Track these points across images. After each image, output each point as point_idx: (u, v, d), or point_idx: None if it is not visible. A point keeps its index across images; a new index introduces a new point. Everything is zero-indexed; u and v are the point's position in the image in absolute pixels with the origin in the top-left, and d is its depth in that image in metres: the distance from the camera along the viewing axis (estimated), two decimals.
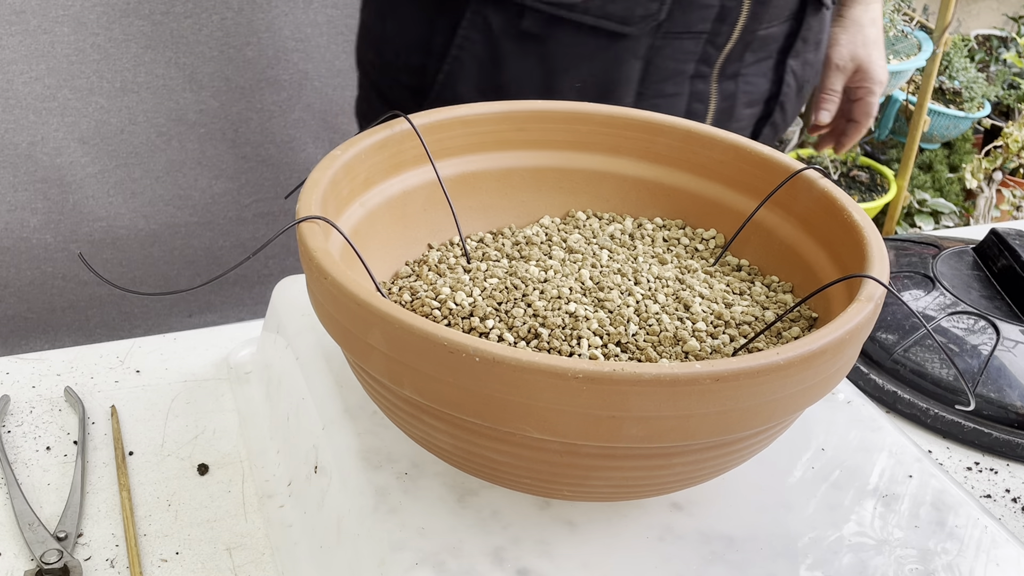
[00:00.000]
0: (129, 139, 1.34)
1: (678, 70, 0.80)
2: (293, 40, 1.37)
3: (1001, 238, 0.78)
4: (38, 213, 1.33)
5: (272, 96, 1.39)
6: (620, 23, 0.75)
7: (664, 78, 0.80)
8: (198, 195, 1.41)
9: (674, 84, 0.80)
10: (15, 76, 1.24)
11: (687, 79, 0.81)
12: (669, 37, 0.78)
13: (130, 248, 1.40)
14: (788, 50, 0.85)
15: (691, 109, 0.82)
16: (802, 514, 0.51)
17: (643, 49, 0.77)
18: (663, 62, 0.79)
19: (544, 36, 0.76)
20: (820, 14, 0.85)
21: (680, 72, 0.80)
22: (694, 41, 0.79)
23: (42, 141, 1.29)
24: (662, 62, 0.79)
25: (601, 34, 0.76)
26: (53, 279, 1.38)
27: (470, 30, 0.78)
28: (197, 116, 1.36)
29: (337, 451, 0.53)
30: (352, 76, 1.44)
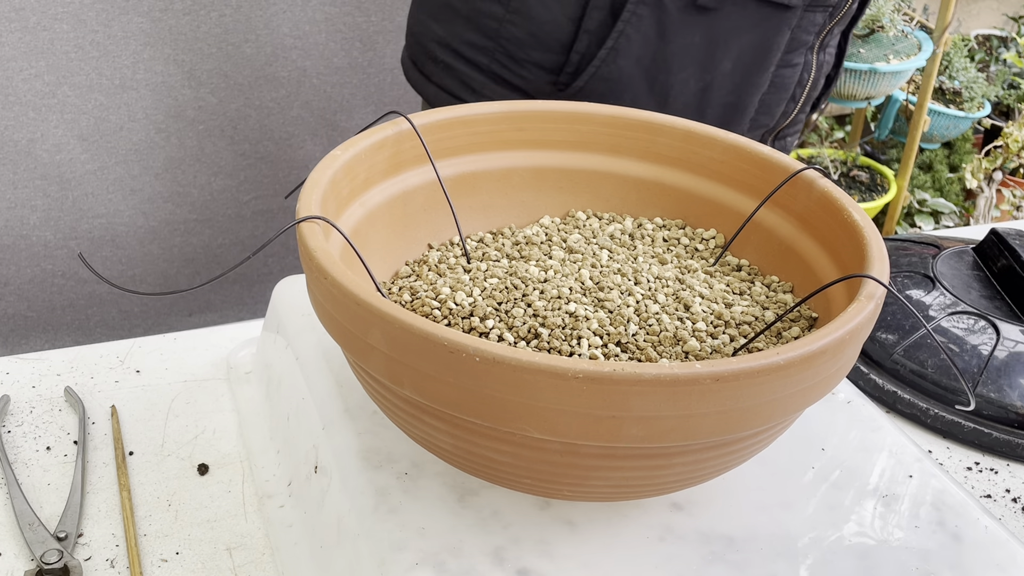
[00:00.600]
0: (128, 136, 1.34)
1: (805, 40, 0.85)
2: (292, 37, 1.37)
3: (1001, 238, 0.78)
4: (37, 210, 1.33)
5: (271, 93, 1.39)
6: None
7: (795, 48, 0.85)
8: (197, 192, 1.41)
9: (798, 55, 0.86)
10: (14, 73, 1.24)
11: (805, 50, 0.86)
12: (809, 10, 0.83)
13: (129, 245, 1.40)
14: (854, 23, 0.91)
15: (800, 79, 0.88)
16: (802, 514, 0.51)
17: (794, 20, 0.83)
18: (799, 34, 0.84)
19: (716, 9, 0.80)
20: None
21: (805, 43, 0.86)
22: (823, 14, 0.84)
23: (41, 138, 1.29)
24: (798, 33, 0.84)
25: (767, 5, 0.81)
26: (53, 277, 1.38)
27: (640, 5, 0.80)
28: (196, 113, 1.36)
29: (337, 451, 0.53)
30: (350, 74, 1.44)
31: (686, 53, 0.82)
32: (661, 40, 0.81)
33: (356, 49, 1.42)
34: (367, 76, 1.45)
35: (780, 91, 0.87)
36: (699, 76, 0.83)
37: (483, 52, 0.86)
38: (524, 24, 0.83)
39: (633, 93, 0.84)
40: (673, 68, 0.82)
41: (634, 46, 0.81)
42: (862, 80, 1.76)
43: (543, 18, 0.83)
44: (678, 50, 0.82)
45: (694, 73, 0.83)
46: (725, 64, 0.83)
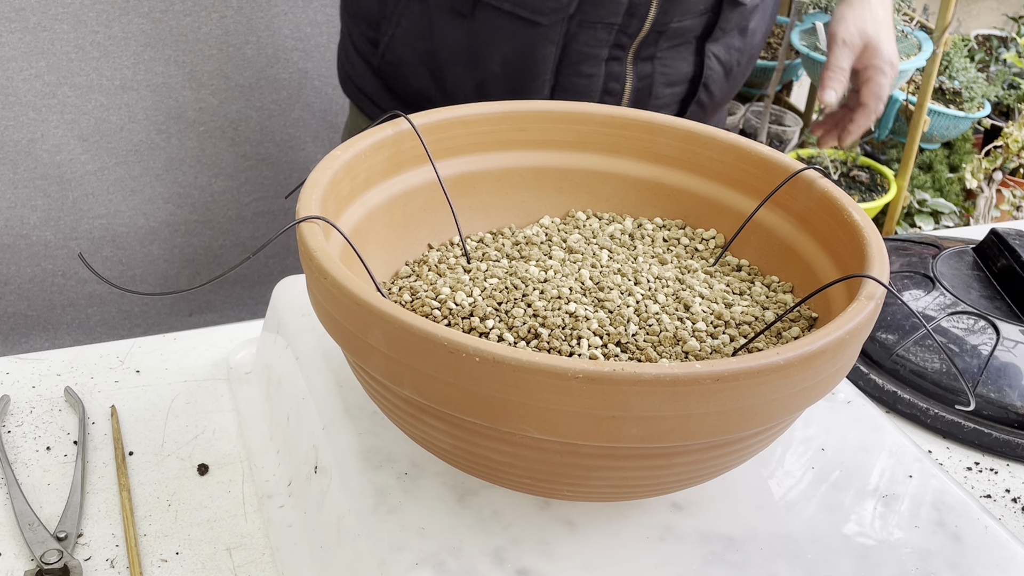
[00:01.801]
0: (129, 137, 1.34)
1: (592, 54, 0.86)
2: (293, 39, 1.37)
3: (1001, 238, 0.78)
4: (38, 210, 1.33)
5: (272, 95, 1.39)
6: (532, 12, 0.83)
7: (580, 60, 0.86)
8: (198, 193, 1.41)
9: (589, 66, 0.87)
10: (15, 73, 1.24)
11: (602, 61, 0.87)
12: (583, 26, 0.84)
13: (130, 246, 1.40)
14: (707, 37, 0.90)
15: (607, 88, 0.89)
16: (802, 514, 0.51)
17: (557, 35, 0.84)
18: (578, 47, 0.86)
19: (469, 15, 0.84)
20: (738, 9, 0.89)
21: (595, 56, 0.86)
22: (607, 31, 0.85)
23: (42, 138, 1.29)
24: (577, 47, 0.86)
25: (517, 19, 0.83)
26: (53, 276, 1.38)
27: (411, 2, 0.87)
28: (196, 114, 1.36)
29: (337, 451, 0.53)
30: None
31: (453, 52, 0.87)
32: (430, 36, 0.87)
33: None
34: None
35: (577, 96, 0.89)
36: (471, 74, 0.88)
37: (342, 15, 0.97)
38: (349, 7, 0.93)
39: (418, 80, 0.90)
40: (444, 64, 0.87)
41: (409, 38, 0.88)
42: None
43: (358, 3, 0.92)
44: (445, 48, 0.87)
45: (465, 70, 0.88)
46: (493, 67, 0.87)
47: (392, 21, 0.88)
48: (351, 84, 0.97)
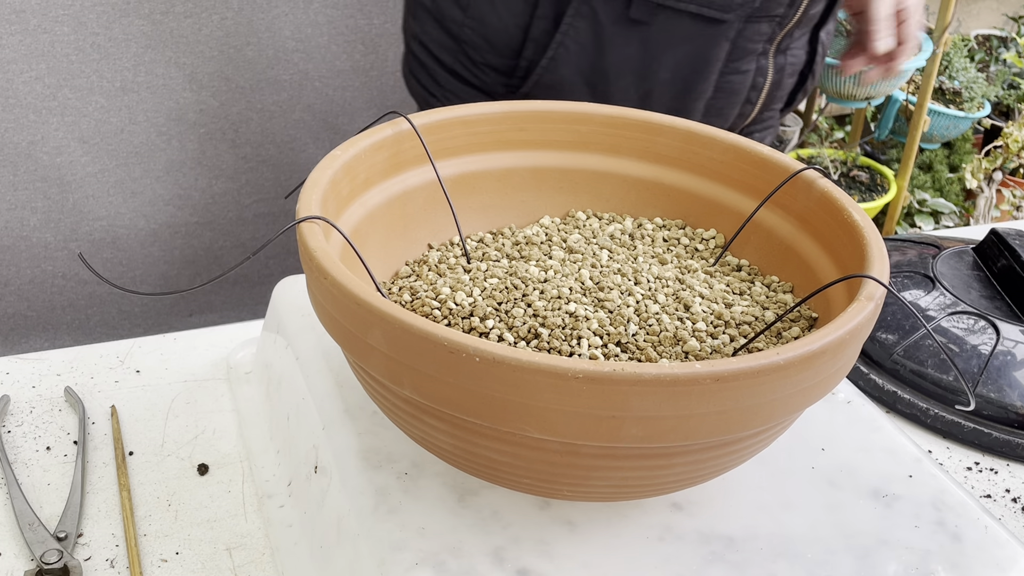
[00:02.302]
0: (129, 138, 1.34)
1: (752, 49, 0.87)
2: (293, 40, 1.37)
3: (1001, 238, 0.78)
4: (38, 212, 1.33)
5: (272, 96, 1.39)
6: (720, 10, 0.82)
7: (741, 56, 0.87)
8: (198, 195, 1.42)
9: (747, 62, 0.88)
10: (15, 75, 1.24)
11: (756, 56, 0.88)
12: (752, 20, 0.85)
13: (130, 247, 1.41)
14: (823, 23, 0.92)
15: (755, 83, 0.90)
16: (802, 514, 0.51)
17: (732, 32, 0.85)
18: (744, 43, 0.86)
19: (648, 22, 0.83)
20: None
21: (753, 51, 0.88)
22: (770, 24, 0.86)
23: (42, 140, 1.29)
24: (743, 43, 0.86)
25: (700, 20, 0.83)
26: (53, 278, 1.38)
27: (576, 18, 0.83)
28: (197, 116, 1.36)
29: (337, 451, 0.53)
30: (352, 77, 1.44)
31: (623, 63, 0.85)
32: (598, 51, 0.85)
33: (358, 52, 1.42)
34: (369, 79, 1.45)
35: (730, 96, 0.90)
36: (638, 85, 0.86)
37: (448, 51, 0.91)
38: (479, 29, 0.87)
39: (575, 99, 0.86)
40: (611, 77, 0.86)
41: (573, 56, 0.85)
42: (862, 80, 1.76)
43: (495, 25, 0.87)
44: (615, 60, 0.85)
45: (633, 82, 0.86)
46: (663, 74, 0.86)
47: (554, 43, 0.85)
48: None
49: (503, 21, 0.87)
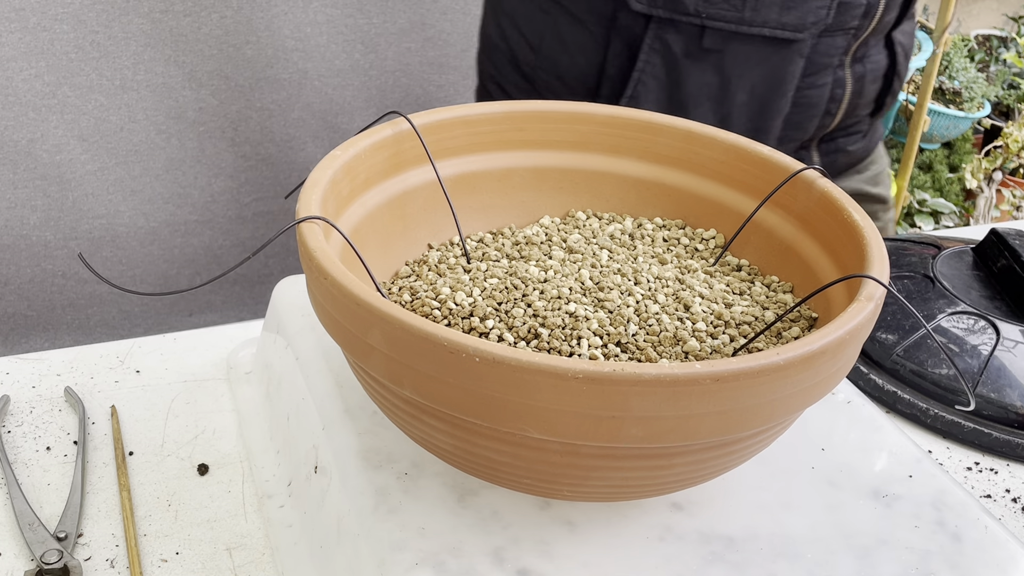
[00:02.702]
0: (129, 137, 1.34)
1: (827, 63, 0.89)
2: (292, 39, 1.36)
3: (1001, 238, 0.78)
4: (38, 210, 1.33)
5: (271, 95, 1.39)
6: (793, 31, 0.84)
7: (817, 71, 0.89)
8: (197, 193, 1.41)
9: (823, 75, 0.89)
10: (15, 73, 1.24)
11: (832, 69, 0.90)
12: (825, 35, 0.87)
13: (129, 246, 1.40)
14: (896, 25, 0.93)
15: (833, 95, 0.91)
16: (802, 514, 0.51)
17: (806, 49, 0.87)
18: (818, 58, 0.88)
19: (722, 50, 0.84)
20: None
21: (829, 64, 0.89)
22: (844, 36, 0.88)
23: (42, 138, 1.29)
24: (818, 58, 0.88)
25: (774, 42, 0.84)
26: (53, 277, 1.38)
27: (651, 54, 0.86)
28: (196, 114, 1.36)
29: (337, 451, 0.53)
30: (351, 76, 1.44)
31: (700, 92, 0.87)
32: (674, 83, 0.87)
33: (357, 51, 1.42)
34: (368, 78, 1.45)
35: (808, 109, 0.91)
36: (716, 110, 0.88)
37: (523, 92, 0.94)
38: (553, 70, 0.89)
39: None
40: (689, 107, 0.88)
41: (651, 92, 0.88)
42: None
43: (568, 65, 0.88)
44: (692, 90, 0.87)
45: (711, 108, 0.88)
46: (740, 96, 0.87)
47: (632, 80, 0.88)
48: None
49: (576, 62, 0.88)
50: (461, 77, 1.46)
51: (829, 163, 1.00)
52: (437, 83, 1.46)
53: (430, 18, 1.41)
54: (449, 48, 1.44)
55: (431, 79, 1.46)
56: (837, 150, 0.99)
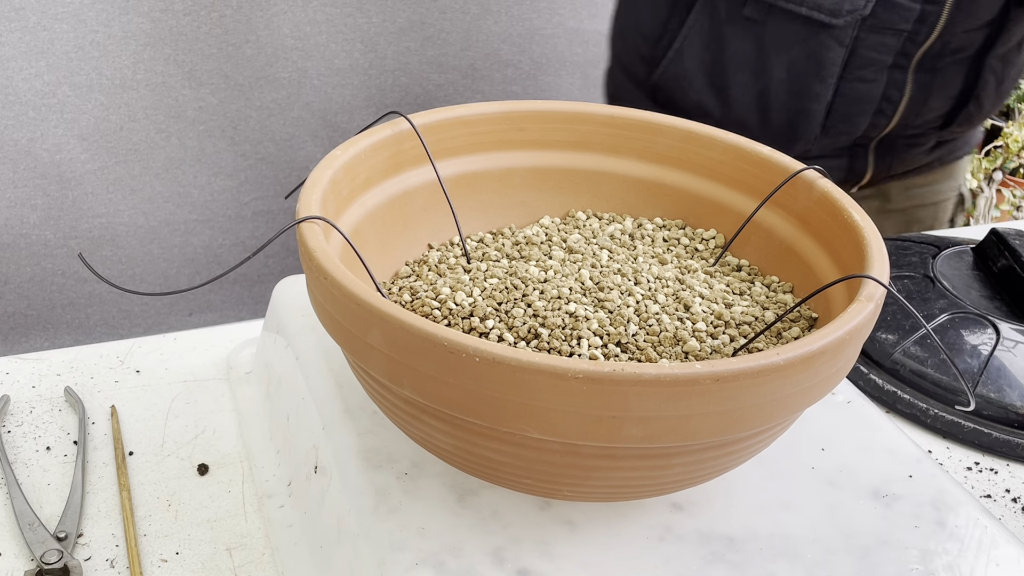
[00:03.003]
0: (128, 136, 1.34)
1: (878, 60, 0.91)
2: (292, 38, 1.36)
3: (1001, 238, 0.78)
4: (37, 209, 1.33)
5: (271, 94, 1.39)
6: (829, 15, 0.87)
7: (864, 65, 0.92)
8: (197, 192, 1.41)
9: (873, 72, 0.92)
10: (14, 73, 1.24)
11: (885, 68, 0.92)
12: (872, 31, 0.90)
13: (129, 245, 1.40)
14: (989, 50, 0.94)
15: (886, 95, 0.94)
16: (802, 514, 0.51)
17: (847, 38, 0.90)
18: (865, 52, 0.91)
19: (762, 21, 0.90)
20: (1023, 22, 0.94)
21: (879, 61, 0.91)
22: (895, 37, 0.90)
23: (41, 137, 1.29)
24: (864, 51, 0.91)
25: (811, 23, 0.89)
26: (53, 276, 1.38)
27: (700, 15, 0.93)
28: (196, 113, 1.36)
29: (337, 451, 0.53)
30: (350, 75, 1.44)
31: (739, 59, 0.93)
32: (717, 47, 0.93)
33: (357, 50, 1.42)
34: (368, 77, 1.45)
35: (855, 103, 0.93)
36: (754, 81, 0.92)
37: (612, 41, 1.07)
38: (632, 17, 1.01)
39: (697, 90, 0.97)
40: (728, 72, 0.93)
41: (695, 49, 0.94)
42: None
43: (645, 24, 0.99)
44: (732, 56, 0.93)
45: (749, 78, 0.93)
46: (778, 73, 0.92)
47: (680, 36, 0.95)
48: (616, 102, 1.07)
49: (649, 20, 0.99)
50: (460, 76, 1.46)
51: (884, 167, 1.01)
52: (436, 82, 1.46)
53: (429, 17, 1.41)
54: (448, 47, 1.44)
55: (430, 78, 1.46)
56: (895, 156, 1.00)
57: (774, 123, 0.96)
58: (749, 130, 0.95)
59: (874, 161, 1.00)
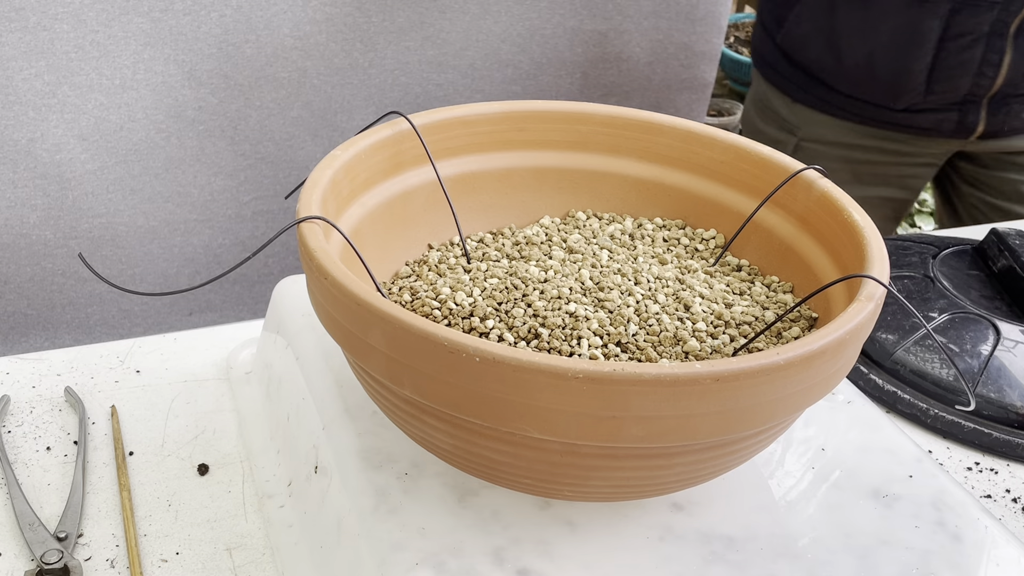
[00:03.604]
0: (128, 136, 1.33)
1: (974, 29, 1.03)
2: (292, 38, 1.36)
3: (1001, 238, 0.78)
4: (37, 209, 1.33)
5: (271, 93, 1.39)
6: None
7: (961, 34, 1.04)
8: (197, 192, 1.41)
9: (970, 40, 1.04)
10: (14, 72, 1.24)
11: (983, 36, 1.03)
12: (966, 4, 1.02)
13: (129, 245, 1.40)
14: None
15: (986, 58, 1.05)
16: (802, 514, 0.51)
17: (943, 11, 1.03)
18: (961, 21, 1.03)
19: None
20: None
21: (975, 30, 1.03)
22: (989, 10, 1.02)
23: (41, 138, 1.29)
24: (960, 21, 1.03)
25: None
26: (53, 276, 1.38)
27: None
28: (196, 113, 1.36)
29: (337, 451, 0.53)
30: (350, 74, 1.44)
31: (849, 25, 1.08)
32: (831, 14, 1.10)
33: (357, 50, 1.42)
34: (368, 77, 1.45)
35: (956, 67, 1.05)
36: (861, 43, 1.08)
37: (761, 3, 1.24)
38: None
39: (815, 49, 1.13)
40: (841, 35, 1.09)
41: (813, 14, 1.12)
42: None
43: None
44: (842, 22, 1.09)
45: (857, 41, 1.09)
46: (882, 37, 1.06)
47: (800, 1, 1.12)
48: (758, 54, 1.24)
49: None
50: (460, 76, 1.46)
51: (998, 123, 1.10)
52: (436, 82, 1.46)
53: (429, 17, 1.41)
54: (448, 47, 1.44)
55: (430, 78, 1.45)
56: (1008, 112, 1.11)
57: (880, 79, 1.09)
58: (860, 84, 1.12)
59: (986, 116, 1.10)
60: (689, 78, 1.44)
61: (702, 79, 1.44)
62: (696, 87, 1.45)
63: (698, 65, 1.44)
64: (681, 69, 1.44)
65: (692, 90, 1.46)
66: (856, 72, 1.11)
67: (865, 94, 1.12)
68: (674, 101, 1.44)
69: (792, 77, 1.18)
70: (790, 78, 1.18)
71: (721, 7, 1.39)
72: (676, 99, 1.44)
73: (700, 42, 1.40)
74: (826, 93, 1.15)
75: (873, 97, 1.12)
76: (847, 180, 1.19)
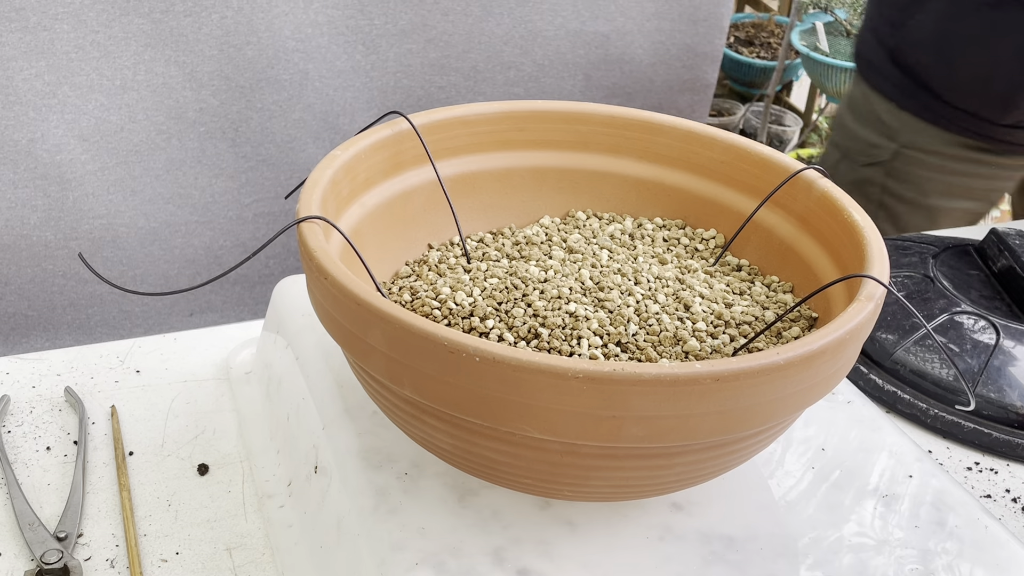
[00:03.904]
0: (129, 137, 1.34)
1: None
2: (293, 40, 1.36)
3: (1001, 238, 0.78)
4: (38, 210, 1.33)
5: (272, 95, 1.39)
6: None
7: None
8: (198, 194, 1.41)
9: None
10: (15, 73, 1.24)
11: None
12: None
13: (130, 246, 1.40)
14: None
15: None
16: (802, 514, 0.51)
17: None
18: None
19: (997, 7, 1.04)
20: None
21: None
22: None
23: (42, 138, 1.29)
24: None
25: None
26: (53, 277, 1.38)
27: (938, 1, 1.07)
28: (197, 115, 1.36)
29: (337, 451, 0.53)
30: (352, 77, 1.44)
31: (970, 36, 1.05)
32: (951, 22, 1.06)
33: (359, 52, 1.42)
34: (370, 79, 1.45)
35: None
36: (980, 55, 1.05)
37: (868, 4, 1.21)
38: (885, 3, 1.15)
39: (927, 57, 1.10)
40: (957, 46, 1.07)
41: (931, 21, 1.08)
42: None
43: None
44: (964, 32, 1.06)
45: (976, 52, 1.05)
46: (1004, 53, 1.03)
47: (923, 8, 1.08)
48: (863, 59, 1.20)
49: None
50: (463, 78, 1.46)
51: None
52: (438, 84, 1.46)
53: (431, 19, 1.41)
54: (451, 49, 1.44)
55: (432, 80, 1.46)
56: None
57: (994, 92, 1.08)
58: (971, 96, 1.09)
59: None
60: (691, 79, 1.45)
61: (704, 80, 1.44)
62: (698, 88, 1.45)
63: (700, 66, 1.44)
64: (683, 70, 1.44)
65: (694, 91, 1.46)
66: (971, 83, 1.09)
67: (973, 106, 1.10)
68: (676, 102, 1.44)
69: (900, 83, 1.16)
70: (897, 84, 1.15)
71: (723, 8, 1.39)
72: (678, 100, 1.44)
73: (702, 43, 1.41)
74: (932, 102, 1.13)
75: (980, 110, 1.10)
76: (938, 191, 1.17)
